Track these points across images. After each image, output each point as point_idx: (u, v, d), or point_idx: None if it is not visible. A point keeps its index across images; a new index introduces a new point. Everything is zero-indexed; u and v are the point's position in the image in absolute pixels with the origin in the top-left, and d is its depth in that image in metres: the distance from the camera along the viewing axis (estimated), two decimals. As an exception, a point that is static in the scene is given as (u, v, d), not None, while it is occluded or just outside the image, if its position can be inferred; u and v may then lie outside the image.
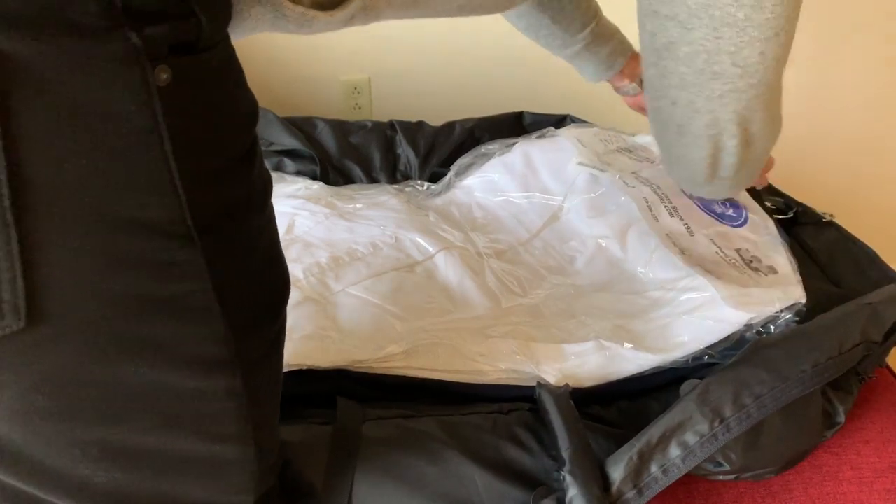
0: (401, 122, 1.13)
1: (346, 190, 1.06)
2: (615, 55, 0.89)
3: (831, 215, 0.97)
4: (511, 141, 1.06)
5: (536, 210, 0.97)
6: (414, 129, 1.13)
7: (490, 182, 1.02)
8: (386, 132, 1.13)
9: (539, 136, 1.07)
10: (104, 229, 0.37)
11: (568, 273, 0.89)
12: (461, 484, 0.61)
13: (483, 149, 1.06)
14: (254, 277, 0.46)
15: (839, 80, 1.36)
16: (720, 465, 0.64)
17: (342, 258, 0.88)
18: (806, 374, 0.65)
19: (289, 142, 1.08)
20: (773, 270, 0.83)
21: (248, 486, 0.49)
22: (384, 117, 1.17)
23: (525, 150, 1.02)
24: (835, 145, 1.42)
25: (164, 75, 0.36)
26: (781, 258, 0.86)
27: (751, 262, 0.84)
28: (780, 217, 0.96)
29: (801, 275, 0.83)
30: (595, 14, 0.86)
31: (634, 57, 0.91)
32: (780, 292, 0.78)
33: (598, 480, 0.60)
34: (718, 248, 0.86)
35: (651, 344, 0.76)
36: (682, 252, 0.84)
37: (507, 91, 1.41)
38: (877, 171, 1.45)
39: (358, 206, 0.99)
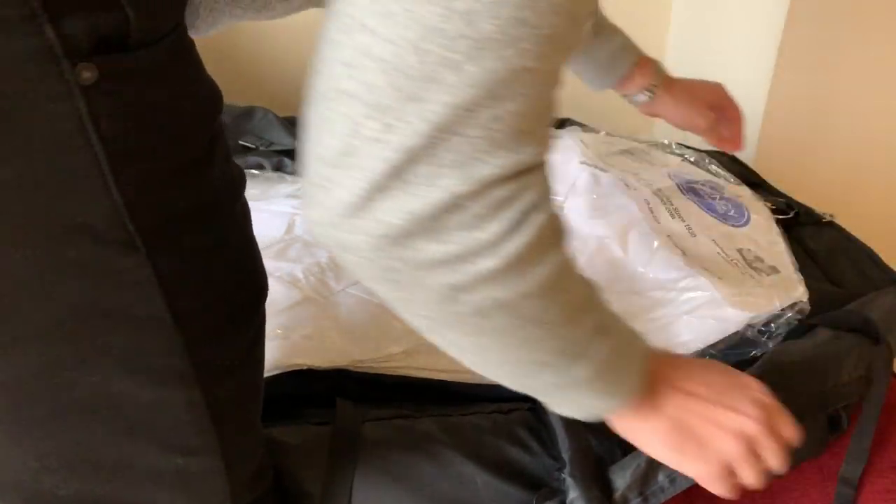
0: (401, 122, 1.13)
1: (345, 190, 1.05)
2: (617, 59, 0.80)
3: (831, 215, 0.98)
4: (511, 141, 1.05)
5: (537, 210, 0.97)
6: (414, 129, 1.12)
7: (490, 182, 1.02)
8: (386, 132, 1.12)
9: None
10: (44, 236, 0.36)
11: (568, 273, 0.89)
12: (461, 484, 0.61)
13: (483, 148, 1.06)
14: (214, 286, 0.43)
15: (840, 79, 1.36)
16: None
17: (342, 258, 0.88)
18: (822, 394, 0.64)
19: (289, 142, 1.08)
20: (774, 270, 0.83)
21: (221, 499, 0.48)
22: (384, 117, 1.16)
23: (525, 150, 1.02)
24: (835, 145, 1.42)
25: (86, 74, 0.33)
26: (783, 258, 0.86)
27: (752, 261, 0.84)
28: (781, 217, 0.96)
29: (802, 275, 0.83)
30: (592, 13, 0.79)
31: (644, 62, 0.82)
32: (781, 291, 0.78)
33: (598, 482, 0.59)
34: (720, 248, 0.86)
35: (652, 343, 0.76)
36: (684, 252, 0.84)
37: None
38: (877, 171, 1.45)
39: (358, 205, 0.99)
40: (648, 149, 1.07)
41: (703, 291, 0.78)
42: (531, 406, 0.70)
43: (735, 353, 0.75)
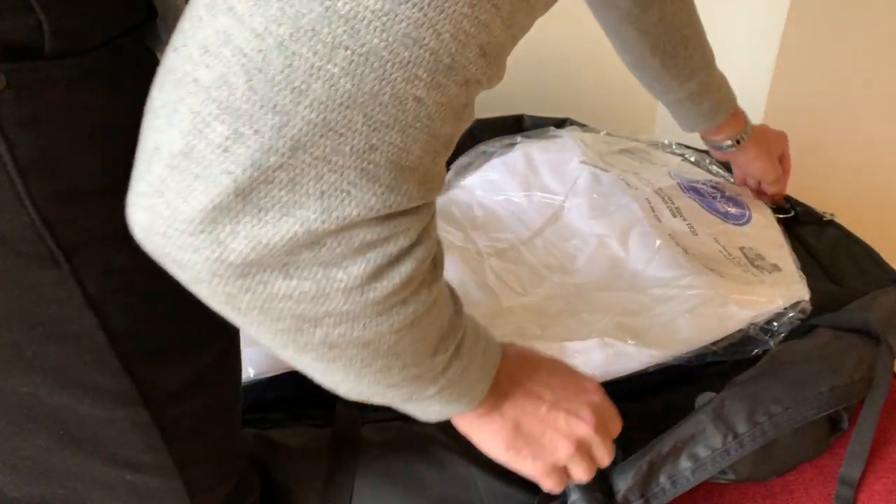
0: (400, 122, 1.13)
1: (345, 190, 1.05)
2: (717, 109, 0.84)
3: (832, 214, 0.98)
4: (512, 140, 1.05)
5: (537, 209, 0.97)
6: (413, 129, 1.12)
7: (491, 182, 1.01)
8: (385, 132, 1.12)
9: (541, 136, 1.06)
10: None
11: (569, 271, 0.89)
12: (462, 486, 0.61)
13: (483, 148, 1.06)
14: (160, 307, 0.41)
15: (840, 79, 1.36)
16: (725, 472, 0.63)
17: (342, 258, 0.88)
18: (823, 396, 0.64)
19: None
20: (776, 268, 0.83)
21: None
22: (383, 117, 1.15)
23: (526, 150, 1.02)
24: (835, 145, 1.42)
25: None
26: (785, 256, 0.86)
27: (754, 260, 0.84)
28: (782, 216, 0.97)
29: (803, 274, 0.83)
30: (707, 64, 0.82)
31: (737, 115, 0.86)
32: (783, 290, 0.78)
33: (599, 484, 0.59)
34: (722, 246, 0.86)
35: (654, 341, 0.76)
36: (685, 251, 0.84)
37: (506, 92, 1.40)
38: (877, 171, 1.45)
39: (357, 205, 0.99)
40: (649, 148, 1.07)
41: (704, 289, 0.78)
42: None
43: (737, 351, 0.75)
